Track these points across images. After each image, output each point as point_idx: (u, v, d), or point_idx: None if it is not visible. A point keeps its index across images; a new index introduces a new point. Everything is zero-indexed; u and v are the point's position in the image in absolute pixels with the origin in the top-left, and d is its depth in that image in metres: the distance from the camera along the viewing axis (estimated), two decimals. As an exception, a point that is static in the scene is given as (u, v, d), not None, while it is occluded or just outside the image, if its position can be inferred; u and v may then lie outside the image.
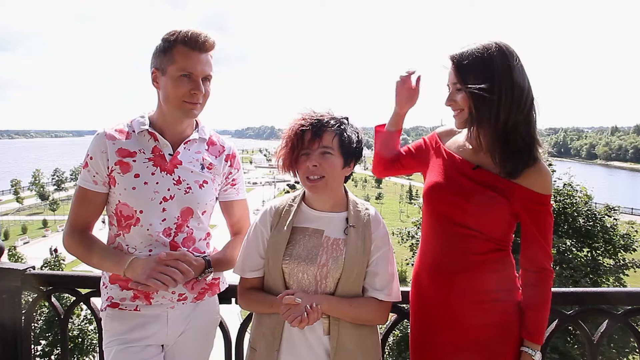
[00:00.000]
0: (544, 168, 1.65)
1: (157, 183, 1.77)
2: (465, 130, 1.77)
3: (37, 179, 71.48)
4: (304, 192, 1.80)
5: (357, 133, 1.75)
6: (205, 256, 1.82)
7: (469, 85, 1.62)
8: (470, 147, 1.75)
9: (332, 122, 1.69)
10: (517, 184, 1.64)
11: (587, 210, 14.31)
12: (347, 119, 1.75)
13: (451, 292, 1.69)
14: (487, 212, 1.65)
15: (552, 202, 1.68)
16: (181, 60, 1.69)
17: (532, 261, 1.68)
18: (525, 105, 1.62)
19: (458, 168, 1.73)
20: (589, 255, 14.14)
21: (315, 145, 1.67)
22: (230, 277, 1.97)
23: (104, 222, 1.97)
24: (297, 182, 1.79)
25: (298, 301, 1.57)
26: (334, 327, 1.67)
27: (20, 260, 25.35)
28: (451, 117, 1.75)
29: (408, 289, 1.88)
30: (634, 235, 14.30)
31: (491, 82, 1.60)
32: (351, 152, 1.71)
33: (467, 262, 1.68)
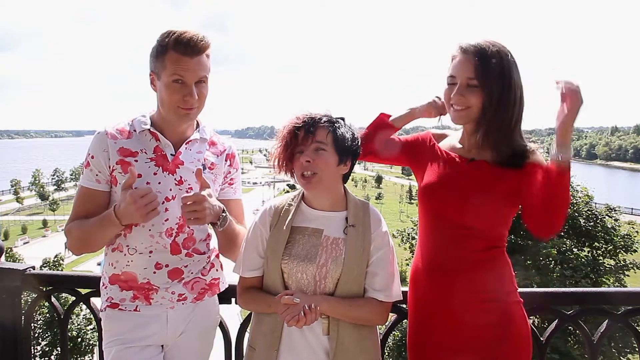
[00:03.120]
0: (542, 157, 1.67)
1: (159, 183, 1.76)
2: (457, 132, 1.77)
3: (37, 179, 71.53)
4: (304, 192, 1.79)
5: (353, 132, 1.74)
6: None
7: (491, 85, 1.62)
8: (462, 146, 1.76)
9: (325, 118, 1.69)
10: (518, 172, 1.64)
11: (588, 210, 14.32)
12: (343, 119, 1.74)
13: (449, 292, 1.69)
14: (483, 208, 1.65)
15: None
16: (172, 66, 1.67)
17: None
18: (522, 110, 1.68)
19: (453, 165, 1.74)
20: (590, 255, 14.15)
21: (309, 141, 1.67)
22: (230, 277, 1.97)
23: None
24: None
25: (297, 301, 1.56)
26: (334, 327, 1.66)
27: (17, 261, 25.30)
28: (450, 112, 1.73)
29: (406, 289, 1.88)
30: (635, 236, 14.30)
31: (509, 86, 1.62)
32: (346, 149, 1.69)
33: (464, 260, 1.68)
